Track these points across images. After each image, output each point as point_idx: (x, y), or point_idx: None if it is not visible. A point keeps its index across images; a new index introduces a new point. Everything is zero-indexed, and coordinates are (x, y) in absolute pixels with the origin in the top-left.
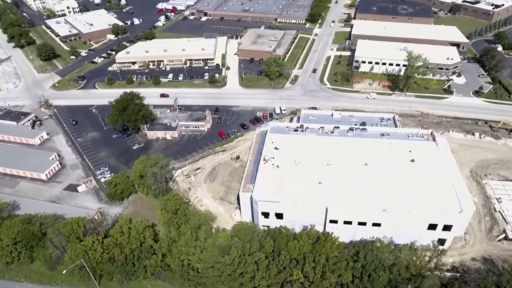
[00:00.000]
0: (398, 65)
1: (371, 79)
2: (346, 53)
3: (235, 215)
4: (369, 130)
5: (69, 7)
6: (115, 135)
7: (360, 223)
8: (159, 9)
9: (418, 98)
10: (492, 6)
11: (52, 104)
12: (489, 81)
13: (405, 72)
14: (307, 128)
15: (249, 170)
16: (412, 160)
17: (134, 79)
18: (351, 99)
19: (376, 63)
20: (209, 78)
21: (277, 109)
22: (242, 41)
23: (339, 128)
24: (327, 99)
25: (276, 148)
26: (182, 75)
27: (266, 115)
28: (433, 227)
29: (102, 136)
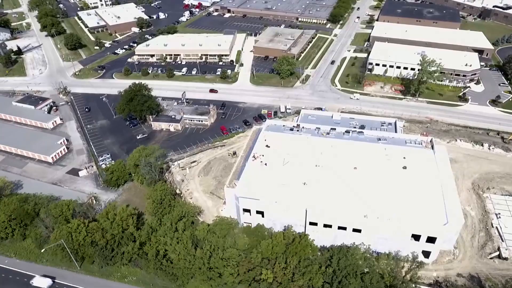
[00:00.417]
0: (413, 69)
1: (383, 82)
2: (362, 55)
3: (222, 210)
4: (366, 133)
5: (101, 0)
6: (127, 122)
7: (340, 228)
8: (185, 5)
9: (430, 104)
10: None
11: (70, 91)
12: (509, 90)
13: (417, 76)
14: (303, 128)
15: (238, 166)
16: (404, 167)
17: (149, 71)
18: (359, 101)
19: (390, 66)
20: (221, 73)
21: (282, 107)
22: (258, 38)
23: (335, 129)
24: (335, 100)
25: (267, 146)
26: (195, 69)
27: (270, 113)
28: (417, 238)
29: (110, 124)
